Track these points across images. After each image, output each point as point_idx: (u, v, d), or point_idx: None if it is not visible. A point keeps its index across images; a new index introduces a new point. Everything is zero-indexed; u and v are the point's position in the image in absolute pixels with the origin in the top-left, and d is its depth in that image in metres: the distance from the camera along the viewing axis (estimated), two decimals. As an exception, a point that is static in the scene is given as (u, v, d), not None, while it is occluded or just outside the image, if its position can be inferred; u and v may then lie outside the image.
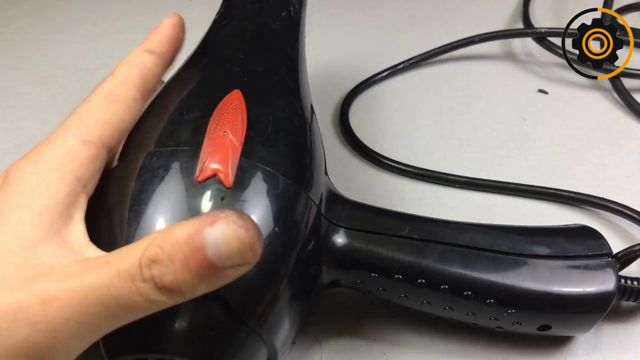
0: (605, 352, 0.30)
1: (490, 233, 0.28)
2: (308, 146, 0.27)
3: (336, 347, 0.30)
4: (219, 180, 0.22)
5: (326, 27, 0.57)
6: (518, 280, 0.27)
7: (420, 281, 0.27)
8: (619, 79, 0.47)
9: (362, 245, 0.27)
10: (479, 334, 0.31)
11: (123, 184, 0.23)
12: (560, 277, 0.27)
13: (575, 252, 0.28)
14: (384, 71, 0.50)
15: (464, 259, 0.27)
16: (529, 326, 0.28)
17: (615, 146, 0.43)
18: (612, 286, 0.27)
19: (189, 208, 0.22)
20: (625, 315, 0.31)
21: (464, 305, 0.27)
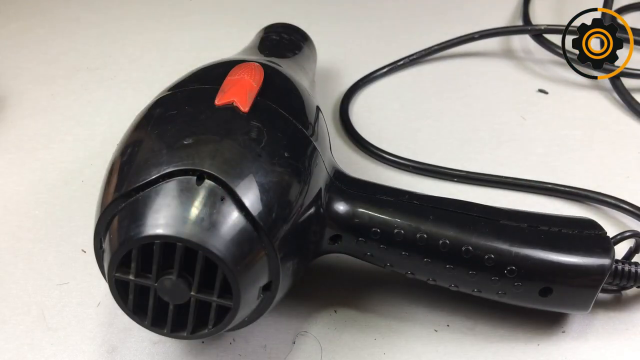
0: (596, 338, 0.30)
1: (484, 207, 0.30)
2: (314, 114, 0.30)
3: (336, 347, 0.30)
4: (236, 107, 0.26)
5: (326, 25, 0.57)
6: (516, 241, 0.28)
7: (420, 236, 0.28)
8: (619, 79, 0.47)
9: (365, 203, 0.29)
10: (478, 334, 0.31)
11: (154, 111, 0.27)
12: (558, 241, 0.28)
13: (572, 229, 0.29)
14: (384, 67, 0.50)
15: (462, 221, 0.28)
16: (531, 289, 0.28)
17: (615, 146, 0.43)
18: (608, 255, 0.28)
19: (207, 126, 0.25)
20: (616, 304, 0.32)
21: (465, 263, 0.28)
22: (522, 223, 0.29)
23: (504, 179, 0.39)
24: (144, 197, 0.23)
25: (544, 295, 0.28)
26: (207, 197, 0.23)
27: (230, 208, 0.23)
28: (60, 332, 0.30)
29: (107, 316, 0.31)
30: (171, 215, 0.22)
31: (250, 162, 0.24)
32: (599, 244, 0.28)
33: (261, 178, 0.24)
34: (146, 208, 0.23)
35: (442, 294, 0.33)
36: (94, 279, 0.33)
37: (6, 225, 0.36)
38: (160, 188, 0.23)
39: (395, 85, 0.49)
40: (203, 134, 0.25)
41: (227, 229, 0.23)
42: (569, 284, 0.28)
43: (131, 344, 0.30)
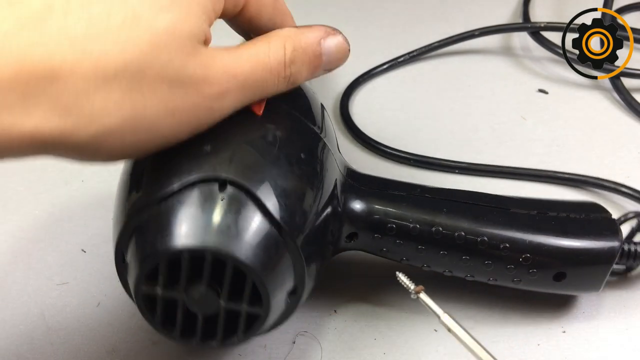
0: (596, 338, 0.30)
1: (494, 197, 0.30)
2: (321, 113, 0.31)
3: (336, 347, 0.30)
4: (251, 110, 0.26)
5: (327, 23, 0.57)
6: (529, 229, 0.28)
7: (436, 229, 0.28)
8: (619, 79, 0.47)
9: (379, 199, 0.29)
10: (478, 334, 0.31)
11: None
12: (568, 226, 0.29)
13: (578, 213, 0.30)
14: (384, 64, 0.51)
15: (476, 212, 0.29)
16: (546, 275, 0.28)
17: (615, 146, 0.43)
18: (616, 237, 0.29)
19: (224, 132, 0.25)
20: (626, 284, 0.32)
21: (481, 254, 0.28)
22: (532, 210, 0.29)
23: (505, 168, 0.40)
24: (167, 208, 0.23)
25: (558, 279, 0.29)
26: (231, 204, 0.23)
27: (254, 214, 0.23)
28: (60, 332, 0.30)
29: (107, 316, 0.31)
30: (197, 225, 0.22)
31: (269, 166, 0.24)
32: (607, 226, 0.29)
33: (281, 181, 0.24)
34: (171, 219, 0.22)
35: (442, 294, 0.33)
36: (94, 279, 0.33)
37: (6, 225, 0.36)
38: (183, 197, 0.23)
39: (396, 83, 0.49)
40: (222, 140, 0.24)
41: (253, 235, 0.23)
42: (581, 268, 0.29)
43: (131, 344, 0.30)
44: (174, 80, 0.21)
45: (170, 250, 0.22)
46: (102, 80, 0.20)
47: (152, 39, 0.21)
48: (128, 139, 0.22)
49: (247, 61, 0.24)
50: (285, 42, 0.25)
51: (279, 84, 0.25)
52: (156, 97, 0.21)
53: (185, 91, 0.22)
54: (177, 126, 0.23)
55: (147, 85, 0.21)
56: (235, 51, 0.24)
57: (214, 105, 0.23)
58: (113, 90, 0.20)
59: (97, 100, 0.20)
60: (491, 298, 0.32)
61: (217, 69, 0.23)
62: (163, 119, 0.22)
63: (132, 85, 0.21)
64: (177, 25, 0.21)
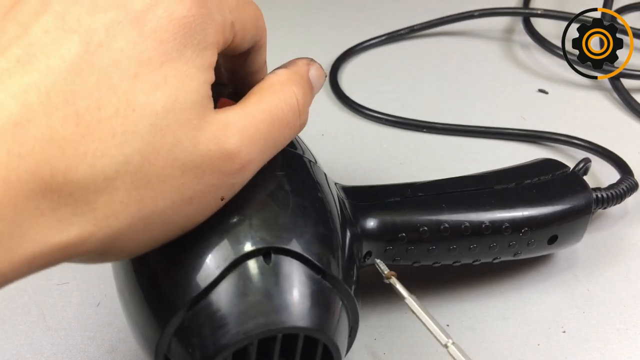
0: (596, 338, 0.30)
1: (473, 178, 0.32)
2: (301, 140, 0.29)
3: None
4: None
5: (327, 27, 0.57)
6: (521, 204, 0.30)
7: (443, 227, 0.28)
8: (619, 79, 0.47)
9: (383, 210, 0.29)
10: (478, 334, 0.31)
11: None
12: (547, 191, 0.31)
13: (545, 174, 0.32)
14: (380, 37, 0.53)
15: (471, 199, 0.30)
16: (542, 242, 0.30)
17: (615, 146, 0.43)
18: (584, 185, 0.32)
19: (241, 195, 0.23)
20: (616, 304, 0.32)
21: (485, 238, 0.29)
22: (510, 183, 0.31)
23: (467, 127, 0.44)
24: (217, 297, 0.21)
25: (552, 242, 0.31)
26: (283, 273, 0.22)
27: (306, 274, 0.22)
28: (60, 332, 0.30)
29: (107, 316, 0.31)
30: (258, 307, 0.21)
31: (301, 217, 0.23)
32: (575, 182, 0.32)
33: (317, 229, 0.23)
34: (226, 308, 0.21)
35: (442, 294, 0.33)
36: (94, 279, 0.33)
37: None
38: (231, 281, 0.21)
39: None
40: (243, 205, 0.22)
41: (313, 298, 0.22)
42: (569, 226, 0.31)
43: (131, 344, 0.30)
44: (186, 164, 0.19)
45: (237, 342, 0.20)
46: (103, 182, 0.18)
47: (152, 123, 0.18)
48: (140, 237, 0.20)
49: (262, 121, 0.21)
50: (292, 88, 0.23)
51: (293, 134, 0.23)
52: (168, 188, 0.19)
53: (201, 173, 0.19)
54: (196, 213, 0.20)
55: (155, 176, 0.19)
56: (246, 109, 0.21)
57: (236, 181, 0.21)
58: (116, 190, 0.18)
59: (99, 205, 0.18)
60: (491, 298, 0.32)
61: (235, 140, 0.20)
62: (179, 209, 0.20)
63: (138, 179, 0.18)
64: (178, 98, 0.19)
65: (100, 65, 0.18)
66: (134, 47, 0.18)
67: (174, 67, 0.19)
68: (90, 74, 0.18)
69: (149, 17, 0.19)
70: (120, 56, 0.18)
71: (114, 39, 0.18)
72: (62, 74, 0.17)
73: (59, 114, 0.17)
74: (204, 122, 0.19)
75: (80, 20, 0.18)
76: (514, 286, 0.33)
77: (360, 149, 0.43)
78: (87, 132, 0.17)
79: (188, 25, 0.19)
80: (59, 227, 0.17)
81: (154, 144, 0.18)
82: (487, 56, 0.53)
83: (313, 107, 0.25)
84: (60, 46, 0.18)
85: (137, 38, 0.18)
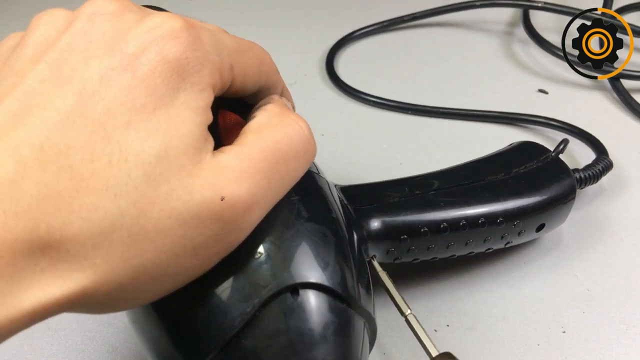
0: (596, 338, 0.30)
1: (464, 169, 0.32)
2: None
3: (336, 347, 0.30)
4: None
5: (327, 25, 0.57)
6: (512, 196, 0.31)
7: (443, 225, 0.29)
8: (618, 79, 0.47)
9: (383, 212, 0.29)
10: (478, 334, 0.31)
11: None
12: (535, 180, 0.32)
13: (530, 161, 0.33)
14: (377, 24, 0.55)
15: (466, 195, 0.30)
16: (530, 230, 0.32)
17: (615, 146, 0.43)
18: (568, 172, 0.33)
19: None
20: (616, 305, 0.32)
21: (480, 232, 0.30)
22: (500, 173, 0.32)
23: (449, 110, 0.46)
24: (250, 338, 0.20)
25: (539, 230, 0.32)
26: (312, 308, 0.21)
27: (334, 307, 0.22)
28: (60, 332, 0.30)
29: (107, 316, 0.31)
30: (291, 346, 0.20)
31: (322, 246, 0.23)
32: (558, 166, 0.33)
33: (337, 256, 0.23)
34: (259, 349, 0.20)
35: (442, 294, 0.33)
36: (94, 279, 0.33)
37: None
38: (262, 320, 0.20)
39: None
40: (264, 238, 0.22)
41: (343, 329, 0.22)
42: (556, 212, 0.32)
43: (131, 344, 0.30)
44: (182, 214, 0.18)
45: None
46: (99, 237, 0.17)
47: (145, 172, 0.18)
48: (148, 288, 0.19)
49: (263, 160, 0.20)
50: (291, 117, 0.22)
51: (305, 164, 0.22)
52: (168, 240, 0.18)
53: (200, 223, 0.18)
54: (202, 263, 0.19)
55: (153, 228, 0.18)
56: (242, 150, 0.20)
57: (244, 226, 0.20)
58: (115, 244, 0.17)
59: (98, 260, 0.17)
60: (491, 299, 0.32)
61: (232, 186, 0.19)
62: (183, 262, 0.19)
63: (136, 232, 0.18)
64: (171, 144, 0.18)
65: (93, 115, 0.18)
66: (127, 94, 0.18)
67: (167, 112, 0.18)
68: (83, 125, 0.18)
69: (141, 61, 0.18)
70: (114, 104, 0.18)
71: (107, 86, 0.18)
72: (56, 126, 0.17)
73: (53, 168, 0.17)
74: (198, 167, 0.18)
75: (75, 69, 0.18)
76: (514, 286, 0.33)
77: (360, 149, 0.43)
78: (81, 186, 0.17)
79: (182, 67, 0.19)
80: (59, 283, 0.17)
81: (148, 195, 0.18)
82: (486, 56, 0.53)
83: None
84: (55, 97, 0.18)
85: (130, 84, 0.18)
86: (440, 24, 0.56)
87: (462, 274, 0.33)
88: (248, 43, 0.23)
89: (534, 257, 0.35)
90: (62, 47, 0.19)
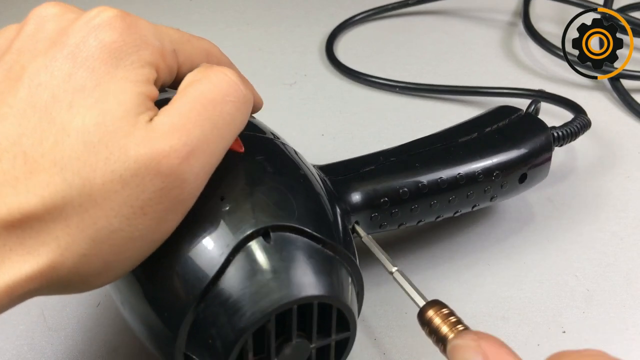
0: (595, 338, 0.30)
1: (437, 135, 0.33)
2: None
3: (336, 347, 0.30)
4: (234, 150, 0.24)
5: (326, 25, 0.57)
6: (489, 150, 0.32)
7: (421, 184, 0.30)
8: (618, 80, 0.47)
9: (362, 181, 0.30)
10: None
11: None
12: (509, 134, 0.33)
13: (502, 120, 0.34)
14: (377, 9, 0.58)
15: (441, 155, 0.31)
16: (513, 182, 0.33)
17: (615, 146, 0.43)
18: (540, 123, 0.34)
19: (225, 179, 0.23)
20: (616, 306, 0.32)
21: (461, 189, 0.31)
22: (472, 134, 0.33)
23: (430, 86, 0.48)
24: (226, 284, 0.21)
25: (522, 181, 0.33)
26: (285, 248, 0.22)
27: (307, 245, 0.23)
28: (60, 332, 0.30)
29: (107, 316, 0.31)
30: (268, 285, 0.21)
31: (290, 193, 0.24)
32: (531, 121, 0.34)
33: (308, 202, 0.24)
34: (237, 292, 0.21)
35: (441, 295, 0.33)
36: (94, 279, 0.33)
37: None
38: (236, 266, 0.21)
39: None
40: (233, 192, 0.23)
41: (319, 267, 0.22)
42: (535, 163, 0.33)
43: (131, 344, 0.30)
44: (123, 175, 0.19)
45: (255, 323, 0.21)
46: (55, 211, 0.19)
47: (85, 141, 0.19)
48: (111, 258, 0.20)
49: (191, 110, 0.21)
50: (213, 69, 0.22)
51: (240, 107, 0.22)
52: (115, 204, 0.19)
53: (141, 181, 0.19)
54: (154, 222, 0.20)
55: (99, 194, 0.19)
56: (172, 107, 0.21)
57: (188, 176, 0.20)
58: (69, 215, 0.19)
59: (59, 233, 0.19)
60: (491, 299, 0.32)
61: (164, 138, 0.20)
62: (137, 223, 0.20)
63: (85, 201, 0.19)
64: (109, 112, 0.19)
65: (41, 103, 0.19)
66: (69, 79, 0.20)
67: (106, 87, 0.20)
68: (33, 113, 0.19)
69: (81, 49, 0.20)
70: (58, 90, 0.20)
71: (52, 76, 0.20)
72: (10, 120, 0.19)
73: (8, 156, 0.19)
74: (134, 128, 0.19)
75: (24, 67, 0.20)
76: (514, 286, 0.33)
77: (360, 148, 0.43)
78: (34, 167, 0.19)
79: (119, 49, 0.21)
80: (29, 259, 0.19)
81: (90, 162, 0.19)
82: (486, 56, 0.53)
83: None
84: (7, 95, 0.20)
85: (70, 70, 0.20)
86: (441, 13, 0.56)
87: (462, 274, 0.34)
88: (193, 35, 0.25)
89: (535, 257, 0.35)
90: (13, 51, 0.21)
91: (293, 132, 0.44)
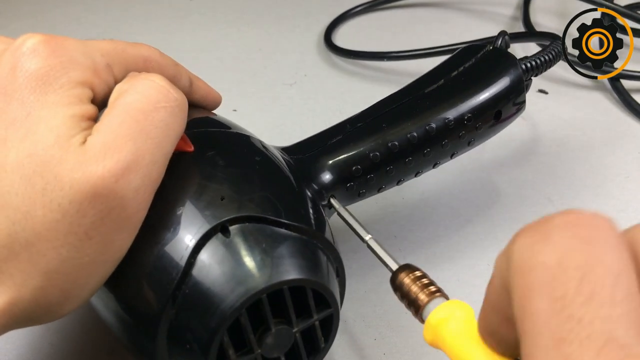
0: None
1: (402, 91, 0.32)
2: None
3: (336, 347, 0.30)
4: (182, 151, 0.24)
5: (325, 24, 0.57)
6: (455, 95, 0.31)
7: (392, 144, 0.29)
8: (618, 80, 0.47)
9: (329, 154, 0.29)
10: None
11: None
12: (475, 73, 0.32)
13: (468, 61, 0.33)
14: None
15: (407, 110, 0.30)
16: (488, 121, 0.32)
17: (615, 146, 0.43)
18: (513, 59, 0.33)
19: (175, 185, 0.23)
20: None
21: (435, 140, 0.30)
22: (438, 81, 0.32)
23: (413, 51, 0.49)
24: (192, 286, 0.21)
25: (498, 117, 0.32)
26: (246, 239, 0.22)
27: (272, 232, 0.23)
28: (60, 333, 0.30)
29: (107, 316, 0.31)
30: (233, 279, 0.21)
31: (243, 184, 0.24)
32: (497, 55, 0.33)
33: (264, 188, 0.24)
34: (203, 293, 0.21)
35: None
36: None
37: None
38: (198, 267, 0.21)
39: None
40: (184, 194, 0.23)
41: (285, 251, 0.22)
42: (507, 95, 0.32)
43: (131, 344, 0.30)
44: (62, 204, 0.19)
45: (228, 317, 0.20)
46: (4, 249, 0.19)
47: (21, 175, 0.19)
48: (68, 287, 0.20)
49: (120, 124, 0.20)
50: (138, 79, 0.22)
51: (175, 110, 0.22)
52: (60, 233, 0.19)
53: (79, 207, 0.19)
54: (101, 245, 0.20)
55: (42, 227, 0.19)
56: (100, 126, 0.20)
57: (127, 192, 0.20)
58: (18, 252, 0.19)
59: (13, 270, 0.19)
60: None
61: (95, 160, 0.19)
62: (82, 248, 0.19)
63: (29, 236, 0.19)
64: (41, 140, 0.19)
65: None
66: (2, 115, 0.20)
67: (37, 115, 0.20)
68: None
69: (10, 81, 0.20)
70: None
71: None
72: None
73: None
74: (66, 154, 0.19)
75: None
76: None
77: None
78: None
79: (46, 74, 0.20)
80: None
81: (28, 196, 0.19)
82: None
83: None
84: None
85: (2, 105, 0.20)
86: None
87: (462, 274, 0.34)
88: (128, 43, 0.24)
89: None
90: None
91: (293, 132, 0.45)
